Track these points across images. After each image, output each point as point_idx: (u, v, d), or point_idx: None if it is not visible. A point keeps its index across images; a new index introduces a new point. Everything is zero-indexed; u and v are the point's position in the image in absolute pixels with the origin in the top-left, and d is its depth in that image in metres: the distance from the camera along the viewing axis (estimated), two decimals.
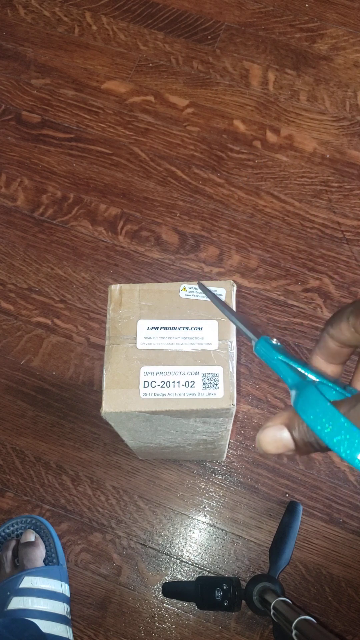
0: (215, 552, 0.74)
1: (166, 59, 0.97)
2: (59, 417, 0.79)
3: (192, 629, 0.72)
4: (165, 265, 0.85)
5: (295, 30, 0.98)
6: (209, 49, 0.97)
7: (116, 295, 0.48)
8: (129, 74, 0.96)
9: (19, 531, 0.72)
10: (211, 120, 0.93)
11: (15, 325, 0.83)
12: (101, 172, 0.91)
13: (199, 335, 0.47)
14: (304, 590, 0.73)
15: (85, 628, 0.72)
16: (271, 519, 0.75)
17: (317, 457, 0.76)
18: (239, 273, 0.85)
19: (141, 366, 0.46)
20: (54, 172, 0.91)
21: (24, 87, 0.96)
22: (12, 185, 0.90)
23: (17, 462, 0.78)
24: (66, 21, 1.00)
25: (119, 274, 0.85)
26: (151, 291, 0.48)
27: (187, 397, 0.45)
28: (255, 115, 0.93)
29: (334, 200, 0.88)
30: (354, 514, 0.75)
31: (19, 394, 0.80)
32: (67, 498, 0.76)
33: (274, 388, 0.79)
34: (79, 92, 0.95)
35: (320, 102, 0.94)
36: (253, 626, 0.71)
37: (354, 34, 0.98)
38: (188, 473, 0.77)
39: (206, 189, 0.89)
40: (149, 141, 0.92)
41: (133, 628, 0.72)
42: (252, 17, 0.99)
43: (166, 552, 0.74)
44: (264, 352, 0.30)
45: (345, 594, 0.72)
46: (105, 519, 0.75)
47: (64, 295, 0.84)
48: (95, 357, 0.81)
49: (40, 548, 0.70)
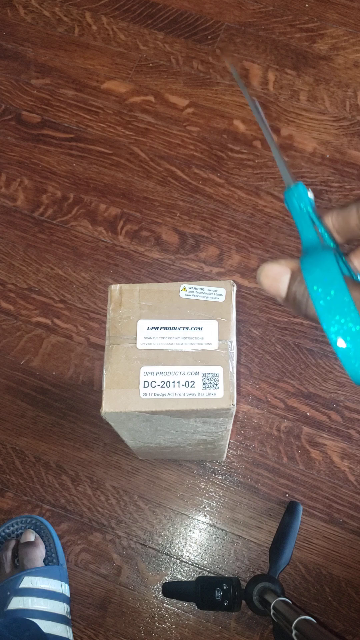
0: (215, 552, 0.74)
1: (166, 59, 0.97)
2: (59, 417, 0.79)
3: (192, 629, 0.72)
4: (165, 265, 0.85)
5: (295, 30, 0.98)
6: (209, 49, 0.97)
7: (116, 295, 0.48)
8: (129, 74, 0.96)
9: (19, 531, 0.72)
10: (211, 120, 0.93)
11: (15, 325, 0.83)
12: (101, 172, 0.91)
13: (199, 335, 0.47)
14: (304, 590, 0.73)
15: (85, 628, 0.72)
16: (271, 519, 0.75)
17: (317, 457, 0.77)
18: (239, 273, 0.85)
19: (141, 366, 0.46)
20: (54, 172, 0.91)
21: (24, 87, 0.96)
22: (12, 185, 0.90)
23: (17, 462, 0.78)
24: (66, 21, 1.00)
25: (119, 274, 0.85)
26: (151, 291, 0.48)
27: (187, 397, 0.45)
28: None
29: (334, 200, 0.88)
30: (354, 514, 0.75)
31: (19, 394, 0.80)
32: (67, 498, 0.76)
33: (274, 388, 0.79)
34: (79, 92, 0.95)
35: (320, 102, 0.94)
36: (253, 626, 0.71)
37: (354, 34, 0.98)
38: (188, 473, 0.77)
39: (206, 189, 0.89)
40: (149, 141, 0.92)
41: (133, 628, 0.72)
42: (252, 17, 0.99)
43: (166, 552, 0.74)
44: (295, 199, 0.27)
45: (345, 594, 0.72)
46: (105, 519, 0.75)
47: (64, 295, 0.84)
48: (95, 357, 0.81)
49: (40, 548, 0.70)
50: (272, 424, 0.78)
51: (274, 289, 0.25)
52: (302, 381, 0.80)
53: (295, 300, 0.24)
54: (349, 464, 0.76)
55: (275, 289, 0.25)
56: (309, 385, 0.79)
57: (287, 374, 0.80)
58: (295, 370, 0.80)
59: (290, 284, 0.25)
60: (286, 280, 0.25)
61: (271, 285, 0.25)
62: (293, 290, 0.24)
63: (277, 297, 0.25)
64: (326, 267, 0.22)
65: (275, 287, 0.25)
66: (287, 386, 0.79)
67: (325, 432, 0.77)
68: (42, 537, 0.72)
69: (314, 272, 0.22)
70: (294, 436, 0.77)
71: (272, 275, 0.25)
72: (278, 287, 0.25)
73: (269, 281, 0.25)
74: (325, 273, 0.22)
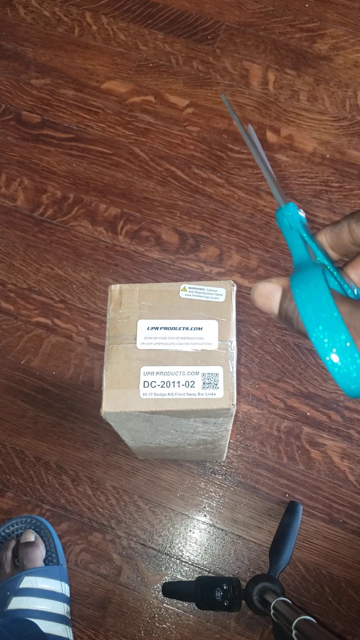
0: (215, 552, 0.74)
1: (166, 59, 0.97)
2: (59, 417, 0.79)
3: (192, 629, 0.72)
4: (165, 265, 0.85)
5: (295, 30, 0.98)
6: (209, 49, 0.97)
7: (116, 295, 0.48)
8: (129, 74, 0.96)
9: (19, 531, 0.72)
10: (211, 120, 0.93)
11: (15, 325, 0.83)
12: (101, 172, 0.91)
13: (199, 335, 0.47)
14: (304, 590, 0.73)
15: (85, 628, 0.72)
16: (271, 519, 0.75)
17: (317, 457, 0.77)
18: (239, 273, 0.85)
19: (141, 366, 0.46)
20: (54, 172, 0.91)
21: (24, 87, 0.96)
22: (12, 185, 0.90)
23: (17, 462, 0.78)
24: (66, 21, 1.00)
25: (119, 274, 0.85)
26: (151, 291, 0.48)
27: (187, 397, 0.45)
28: (255, 115, 0.93)
29: (334, 200, 0.88)
30: (354, 514, 0.75)
31: (19, 394, 0.80)
32: (67, 498, 0.76)
33: (274, 388, 0.79)
34: (79, 92, 0.95)
35: (320, 102, 0.94)
36: (253, 626, 0.71)
37: (354, 34, 0.98)
38: (188, 473, 0.77)
39: (206, 189, 0.89)
40: (149, 141, 0.92)
41: (133, 628, 0.72)
42: (252, 17, 0.99)
43: (166, 552, 0.74)
44: (285, 218, 0.28)
45: (345, 594, 0.72)
46: (105, 519, 0.75)
47: (64, 295, 0.84)
48: (95, 357, 0.81)
49: (40, 548, 0.70)
50: (272, 424, 0.78)
51: (267, 307, 0.26)
52: (302, 381, 0.80)
53: (287, 317, 0.25)
54: (349, 464, 0.76)
55: (269, 307, 0.26)
56: (309, 385, 0.79)
57: (287, 374, 0.80)
58: (295, 370, 0.80)
59: (282, 301, 0.25)
60: (278, 298, 0.26)
61: (264, 304, 0.26)
62: (284, 307, 0.25)
63: (271, 315, 0.26)
64: (314, 284, 0.23)
65: (268, 305, 0.26)
66: (287, 386, 0.79)
67: (325, 432, 0.77)
68: (42, 537, 0.72)
69: (303, 290, 0.23)
70: (294, 436, 0.77)
71: (265, 293, 0.26)
72: (271, 305, 0.26)
73: (262, 299, 0.26)
74: (313, 290, 0.23)
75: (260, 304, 0.26)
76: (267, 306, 0.26)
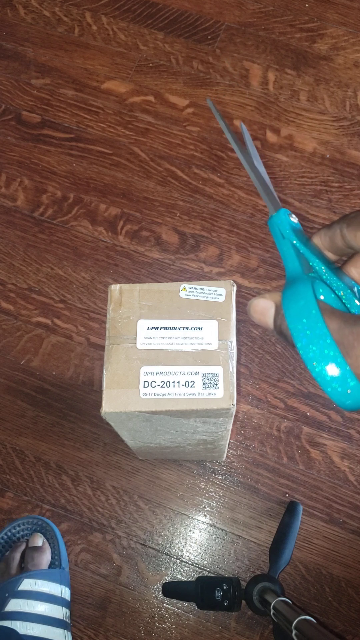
0: (215, 552, 0.74)
1: (166, 59, 0.97)
2: (59, 417, 0.79)
3: (192, 629, 0.72)
4: (165, 265, 0.85)
5: (295, 30, 0.98)
6: (209, 49, 0.97)
7: (116, 295, 0.48)
8: (129, 74, 0.96)
9: (25, 532, 0.72)
10: (211, 120, 0.93)
11: (15, 325, 0.83)
12: (101, 172, 0.91)
13: (199, 335, 0.47)
14: (304, 590, 0.73)
15: (85, 628, 0.72)
16: (271, 519, 0.75)
17: (317, 457, 0.77)
18: (239, 273, 0.85)
19: (141, 366, 0.46)
20: (54, 172, 0.91)
21: (24, 87, 0.96)
22: (12, 185, 0.90)
23: (17, 462, 0.78)
24: (66, 21, 1.00)
25: (119, 274, 0.85)
26: (151, 291, 0.48)
27: (187, 397, 0.45)
28: (255, 115, 0.93)
29: (334, 200, 0.88)
30: (354, 514, 0.75)
31: (19, 394, 0.80)
32: (67, 498, 0.76)
33: (274, 388, 0.79)
34: (79, 92, 0.95)
35: (320, 102, 0.94)
36: (253, 626, 0.71)
37: (354, 34, 0.98)
38: (188, 473, 0.77)
39: (206, 189, 0.89)
40: (149, 141, 0.92)
41: (133, 628, 0.72)
42: (252, 17, 0.99)
43: (166, 552, 0.74)
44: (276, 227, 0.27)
45: (345, 594, 0.72)
46: (105, 519, 0.75)
47: (64, 295, 0.84)
48: (95, 357, 0.81)
49: (47, 553, 0.70)
50: (272, 424, 0.78)
51: (263, 323, 0.27)
52: (302, 381, 0.80)
53: (281, 332, 0.25)
54: (349, 464, 0.76)
55: (264, 322, 0.27)
56: (309, 385, 0.79)
57: (287, 374, 0.80)
58: (295, 370, 0.80)
59: (275, 317, 0.26)
60: (272, 314, 0.26)
61: (260, 320, 0.27)
62: (278, 323, 0.25)
63: (267, 330, 0.27)
64: (304, 301, 0.23)
65: (263, 322, 0.27)
66: (287, 386, 0.79)
67: (325, 432, 0.77)
68: (48, 540, 0.71)
69: (292, 308, 0.23)
70: (294, 436, 0.77)
71: (259, 310, 0.26)
72: (266, 321, 0.26)
73: (258, 315, 0.27)
74: (302, 307, 0.23)
75: (257, 319, 0.27)
76: (262, 322, 0.27)
